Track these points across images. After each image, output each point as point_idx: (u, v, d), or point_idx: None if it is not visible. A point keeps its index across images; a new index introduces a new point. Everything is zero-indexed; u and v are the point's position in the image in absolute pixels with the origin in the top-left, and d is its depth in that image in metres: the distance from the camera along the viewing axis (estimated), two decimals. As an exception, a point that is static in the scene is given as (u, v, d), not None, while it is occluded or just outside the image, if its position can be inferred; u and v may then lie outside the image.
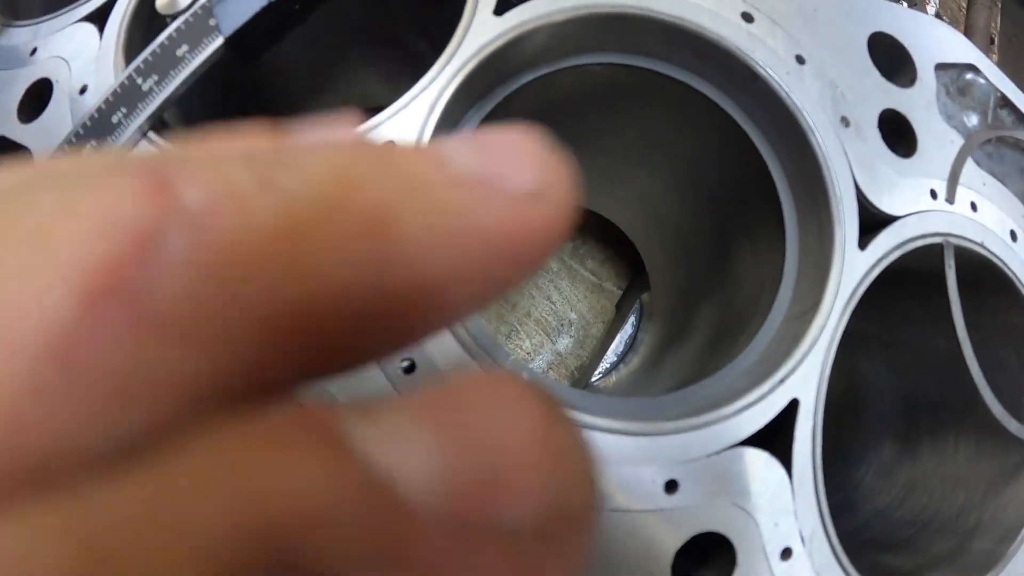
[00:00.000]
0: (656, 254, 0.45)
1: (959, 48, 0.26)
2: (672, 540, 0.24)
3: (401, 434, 0.07)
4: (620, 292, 0.53)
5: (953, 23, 0.73)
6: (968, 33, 0.67)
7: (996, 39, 0.75)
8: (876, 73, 0.23)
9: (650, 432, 0.22)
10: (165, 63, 0.26)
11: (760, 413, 0.23)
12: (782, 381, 0.23)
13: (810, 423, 0.23)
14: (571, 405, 0.23)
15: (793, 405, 0.23)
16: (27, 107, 0.30)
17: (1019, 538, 0.30)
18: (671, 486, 0.23)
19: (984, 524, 0.33)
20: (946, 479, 0.35)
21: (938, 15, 0.70)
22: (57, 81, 0.30)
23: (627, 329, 0.49)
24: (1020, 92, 0.27)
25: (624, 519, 0.23)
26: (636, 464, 0.22)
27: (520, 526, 0.08)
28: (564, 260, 0.60)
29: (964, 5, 0.78)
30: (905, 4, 0.50)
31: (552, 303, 0.61)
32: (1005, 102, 0.27)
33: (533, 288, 0.61)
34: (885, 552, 0.35)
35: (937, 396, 0.33)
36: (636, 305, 0.49)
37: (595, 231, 0.64)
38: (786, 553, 0.26)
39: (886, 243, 0.23)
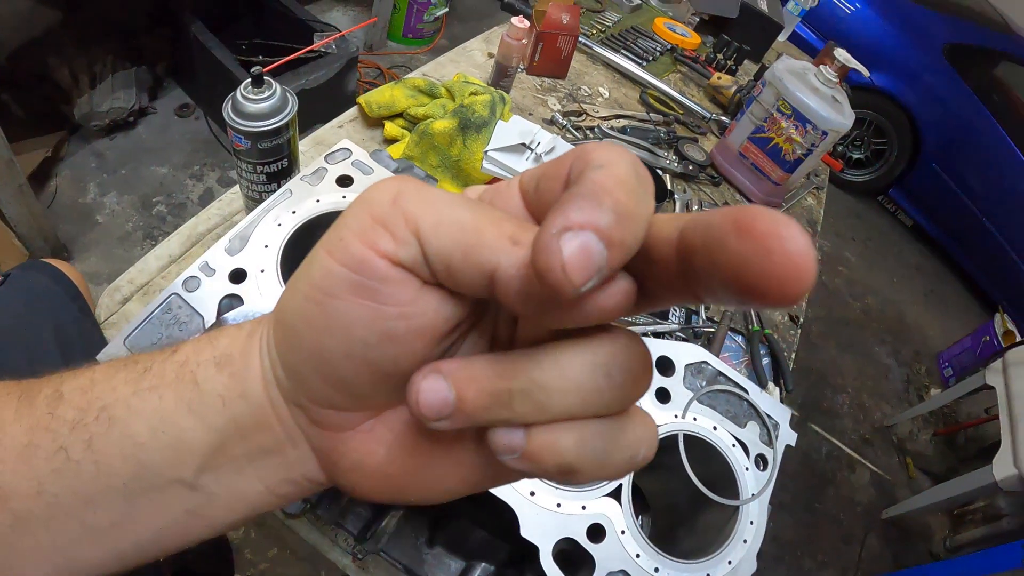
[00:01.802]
0: None
1: (698, 354, 0.68)
2: (579, 521, 0.64)
3: None
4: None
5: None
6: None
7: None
8: (657, 374, 0.64)
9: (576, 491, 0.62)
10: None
11: (607, 487, 0.61)
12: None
13: (628, 490, 0.62)
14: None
15: (619, 488, 0.62)
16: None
17: (732, 537, 0.61)
18: (579, 508, 0.62)
19: (720, 538, 0.63)
20: (705, 527, 0.69)
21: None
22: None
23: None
24: (726, 366, 0.68)
25: (558, 515, 0.61)
26: (567, 493, 0.61)
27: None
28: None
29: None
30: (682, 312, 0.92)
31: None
32: (720, 374, 0.68)
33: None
34: (685, 555, 0.71)
35: (693, 495, 0.68)
36: None
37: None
38: (622, 532, 0.65)
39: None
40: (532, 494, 0.55)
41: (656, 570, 0.56)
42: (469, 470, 0.22)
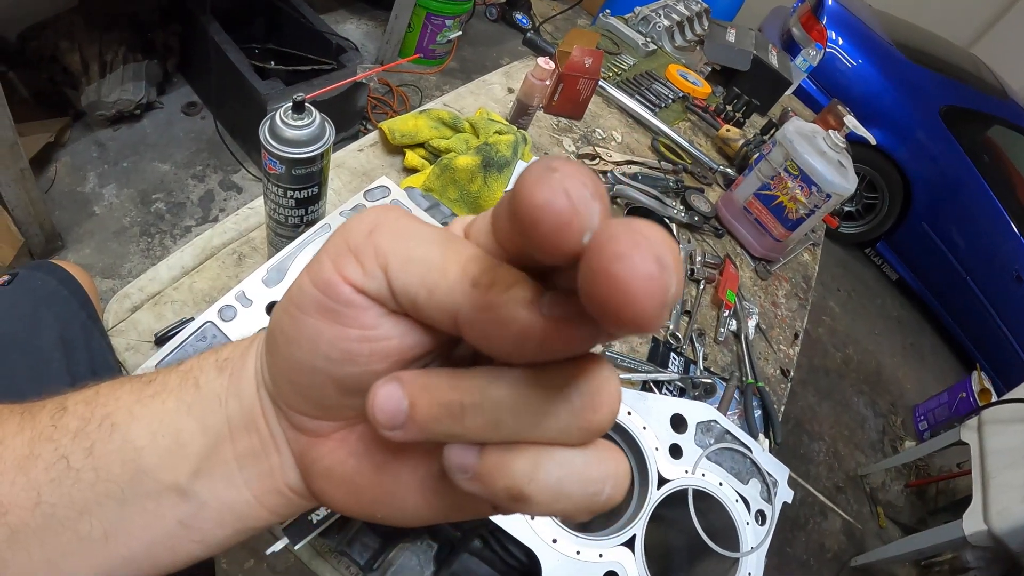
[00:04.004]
0: None
1: (709, 413, 0.70)
2: (596, 568, 0.65)
3: None
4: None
5: (767, 321, 1.19)
6: (765, 321, 1.13)
7: (800, 334, 1.22)
8: (670, 429, 0.66)
9: (592, 541, 0.63)
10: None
11: (626, 535, 0.63)
12: (630, 527, 0.63)
13: (640, 542, 0.64)
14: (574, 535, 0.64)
15: (633, 538, 0.64)
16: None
17: None
18: (599, 556, 0.63)
19: None
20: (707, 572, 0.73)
21: (758, 326, 1.16)
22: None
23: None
24: (733, 425, 0.70)
25: (579, 563, 0.63)
26: (586, 548, 0.62)
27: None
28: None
29: (782, 303, 1.26)
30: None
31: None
32: (727, 432, 0.70)
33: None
34: None
35: (693, 544, 0.71)
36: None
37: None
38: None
39: (667, 488, 0.65)
40: (554, 541, 0.56)
41: None
42: (433, 494, 0.22)
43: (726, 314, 1.16)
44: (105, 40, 1.96)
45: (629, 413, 0.64)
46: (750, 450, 0.70)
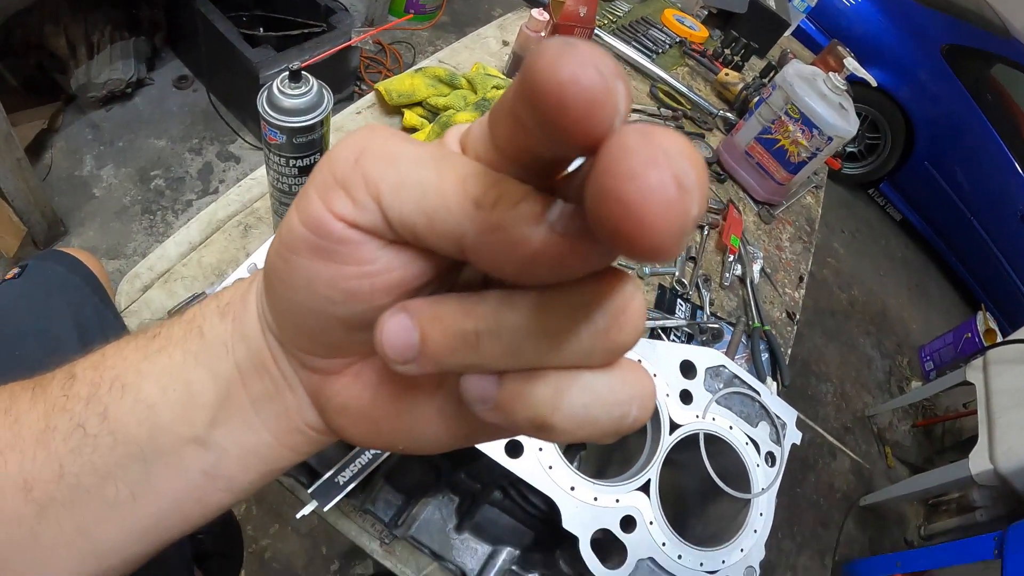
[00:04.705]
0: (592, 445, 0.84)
1: (717, 358, 0.71)
2: (613, 515, 0.67)
3: None
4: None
5: (771, 265, 1.20)
6: (769, 264, 1.14)
7: (806, 277, 1.22)
8: (679, 374, 0.68)
9: (611, 485, 0.65)
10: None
11: (641, 480, 0.64)
12: (645, 471, 0.65)
13: (655, 486, 0.65)
14: (594, 482, 0.66)
15: (648, 481, 0.66)
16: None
17: (743, 528, 0.66)
18: (617, 501, 0.65)
19: (732, 528, 0.68)
20: (717, 517, 0.72)
21: (762, 270, 1.17)
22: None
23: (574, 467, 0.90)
24: (741, 369, 0.71)
25: (596, 508, 0.65)
26: (603, 494, 0.64)
27: None
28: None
29: (785, 246, 1.26)
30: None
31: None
32: (736, 377, 0.72)
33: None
34: (697, 542, 0.75)
35: (706, 487, 0.72)
36: (577, 459, 0.80)
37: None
38: (650, 523, 0.68)
39: (679, 432, 0.66)
40: (572, 489, 0.58)
41: (679, 557, 0.60)
42: (453, 420, 0.21)
43: (731, 259, 1.16)
44: (90, 21, 1.92)
45: (639, 361, 0.65)
46: (758, 393, 0.72)
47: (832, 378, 2.78)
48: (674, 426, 0.65)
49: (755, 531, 0.66)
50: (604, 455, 0.76)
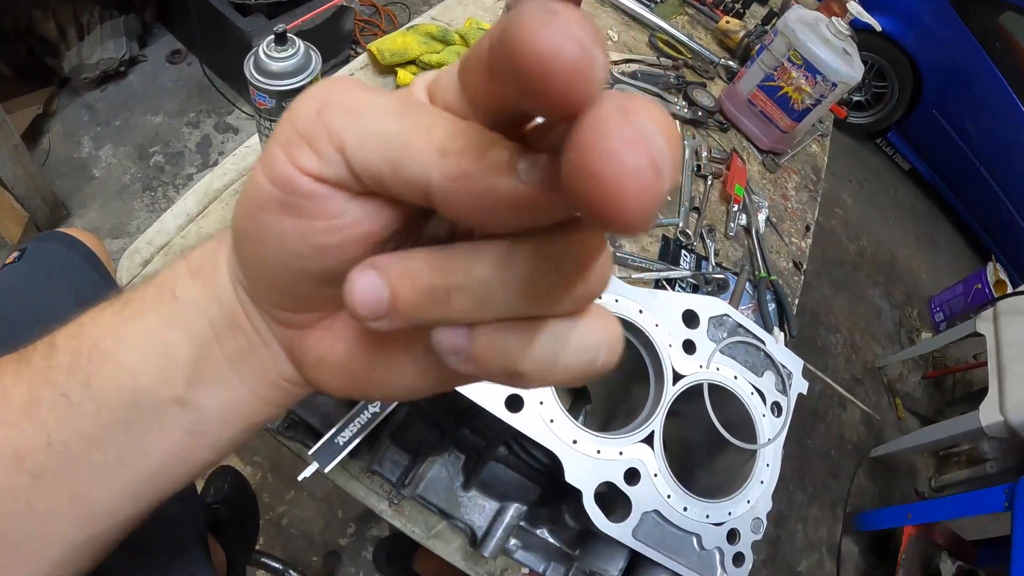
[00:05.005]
0: (596, 395, 0.82)
1: (720, 307, 0.70)
2: (617, 467, 0.67)
3: None
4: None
5: (777, 214, 1.18)
6: (775, 214, 1.13)
7: (812, 226, 1.21)
8: (682, 324, 0.67)
9: (614, 438, 0.65)
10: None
11: (644, 431, 0.64)
12: (648, 423, 0.65)
13: (660, 437, 0.65)
14: (594, 433, 0.66)
15: (652, 433, 0.66)
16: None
17: (750, 479, 0.65)
18: (620, 453, 0.66)
19: (737, 479, 0.68)
20: (723, 469, 0.72)
21: (768, 220, 1.15)
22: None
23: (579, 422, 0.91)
24: (746, 318, 0.71)
25: (599, 461, 0.65)
26: (605, 447, 0.65)
27: None
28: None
29: (791, 196, 1.25)
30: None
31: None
32: (740, 326, 0.71)
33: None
34: (704, 494, 0.75)
35: (712, 439, 0.71)
36: (583, 413, 0.81)
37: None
38: (655, 476, 0.68)
39: (683, 383, 0.66)
40: (575, 442, 0.58)
41: (684, 509, 0.60)
42: (427, 369, 0.21)
43: (735, 209, 1.14)
44: (78, 2, 1.89)
45: (641, 311, 0.64)
46: (763, 343, 0.71)
47: (841, 329, 2.77)
48: (677, 377, 0.65)
49: (761, 482, 0.66)
50: (609, 408, 0.76)
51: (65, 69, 1.95)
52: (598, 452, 0.58)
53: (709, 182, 1.16)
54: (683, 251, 1.05)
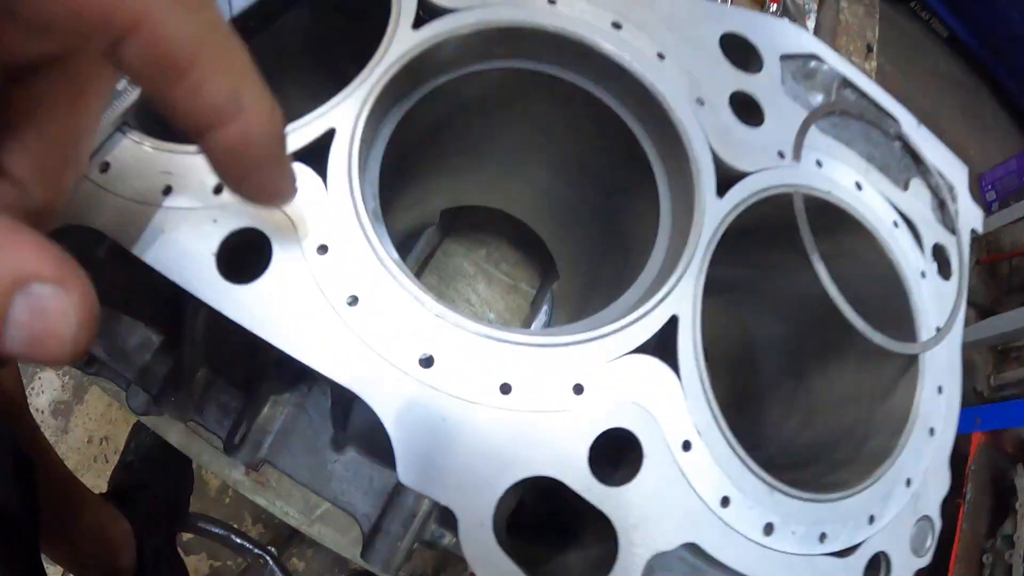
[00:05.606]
0: (557, 236, 0.52)
1: (803, 41, 0.32)
2: (584, 437, 0.31)
3: None
4: (534, 292, 0.59)
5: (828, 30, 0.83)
6: (824, 33, 0.76)
7: (875, 47, 0.85)
8: (727, 63, 0.29)
9: (556, 343, 0.28)
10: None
11: (648, 326, 0.29)
12: (662, 300, 0.29)
13: (690, 334, 0.30)
14: (496, 337, 0.29)
15: (674, 320, 0.30)
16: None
17: (906, 430, 0.35)
18: (578, 389, 0.30)
19: (875, 427, 0.39)
20: (838, 401, 0.41)
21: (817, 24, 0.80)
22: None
23: (541, 317, 0.55)
24: (861, 74, 0.33)
25: (540, 419, 0.29)
26: (546, 372, 0.29)
27: None
28: (480, 264, 0.68)
29: (844, 7, 0.89)
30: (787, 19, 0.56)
31: (471, 304, 0.68)
32: (847, 84, 0.33)
33: (452, 291, 0.68)
34: (795, 470, 0.40)
35: (816, 332, 0.39)
36: (548, 296, 0.52)
37: (506, 236, 0.70)
38: (686, 445, 0.32)
39: (740, 193, 0.29)
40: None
41: (768, 529, 0.24)
42: None
43: (774, 9, 0.80)
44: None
45: (620, 26, 0.27)
46: (896, 121, 0.33)
47: (884, 214, 2.38)
48: (728, 179, 0.28)
49: (931, 431, 0.30)
50: (588, 270, 0.40)
51: None
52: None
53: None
54: None
